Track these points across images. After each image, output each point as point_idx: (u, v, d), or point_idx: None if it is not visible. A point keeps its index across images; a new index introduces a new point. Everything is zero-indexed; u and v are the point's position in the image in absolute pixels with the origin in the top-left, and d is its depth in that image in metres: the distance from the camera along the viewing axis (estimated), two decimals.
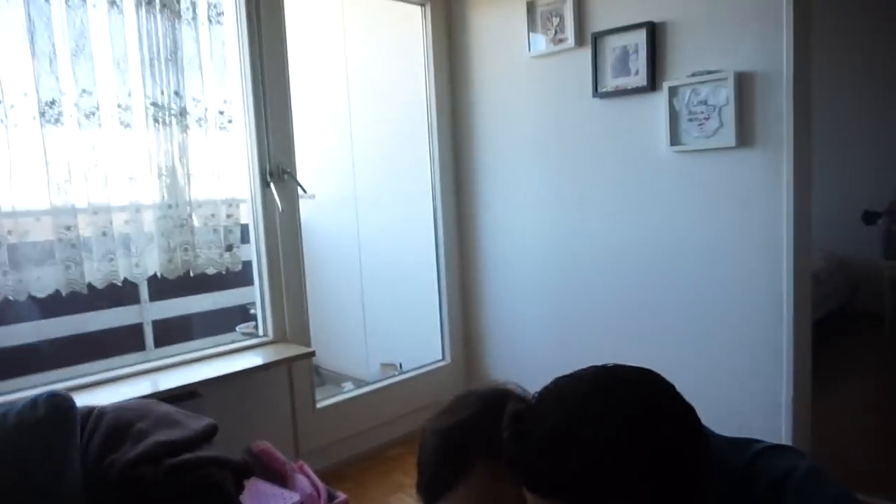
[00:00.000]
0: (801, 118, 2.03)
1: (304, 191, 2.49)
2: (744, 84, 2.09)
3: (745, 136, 2.11)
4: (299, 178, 2.45)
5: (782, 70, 2.01)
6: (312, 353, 2.40)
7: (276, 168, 2.37)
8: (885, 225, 4.04)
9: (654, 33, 2.28)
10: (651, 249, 2.39)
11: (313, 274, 2.76)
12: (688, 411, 0.67)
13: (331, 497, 1.88)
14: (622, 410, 0.64)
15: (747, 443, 0.75)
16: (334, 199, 3.52)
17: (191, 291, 2.76)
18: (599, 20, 2.44)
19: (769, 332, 2.11)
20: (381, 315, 3.42)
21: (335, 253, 3.56)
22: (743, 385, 2.18)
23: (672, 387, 0.69)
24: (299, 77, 2.60)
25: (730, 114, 2.12)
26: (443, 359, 3.04)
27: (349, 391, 2.80)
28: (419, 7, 2.91)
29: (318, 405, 2.56)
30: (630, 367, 0.71)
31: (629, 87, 2.37)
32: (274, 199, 2.34)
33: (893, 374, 3.52)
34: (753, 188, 2.11)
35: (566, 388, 0.68)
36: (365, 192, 3.43)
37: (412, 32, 2.95)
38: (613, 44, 2.41)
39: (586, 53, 2.48)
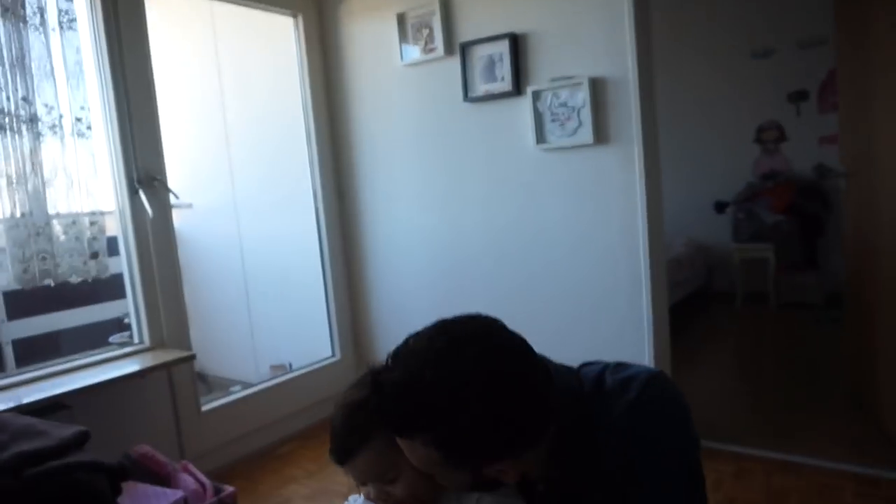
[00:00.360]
0: (648, 117, 2.27)
1: (177, 196, 2.43)
2: (597, 88, 2.30)
3: (601, 134, 2.32)
4: (175, 187, 2.39)
5: (628, 76, 2.24)
6: (192, 357, 2.34)
7: (145, 175, 2.30)
8: (733, 213, 4.54)
9: (517, 43, 2.46)
10: (524, 238, 2.55)
11: (196, 284, 2.67)
12: (521, 341, 0.80)
13: (217, 491, 1.84)
14: (464, 347, 0.75)
15: (571, 366, 0.93)
16: (214, 208, 3.46)
17: (60, 308, 2.59)
18: (466, 31, 2.58)
19: (632, 309, 2.33)
20: (269, 318, 3.39)
21: (218, 261, 3.48)
22: (612, 357, 2.37)
23: (502, 323, 0.81)
24: (170, 84, 2.52)
25: (587, 114, 2.32)
26: (333, 355, 3.06)
27: (236, 393, 2.74)
28: (291, 18, 2.93)
29: (204, 408, 2.51)
30: (465, 314, 0.82)
31: (496, 92, 2.53)
32: (144, 207, 2.27)
33: (743, 344, 3.96)
34: (610, 180, 2.33)
35: (414, 342, 0.80)
36: (246, 199, 3.39)
37: (286, 41, 2.96)
38: (480, 53, 2.56)
39: (455, 62, 2.61)
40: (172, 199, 2.41)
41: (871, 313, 2.44)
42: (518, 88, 2.47)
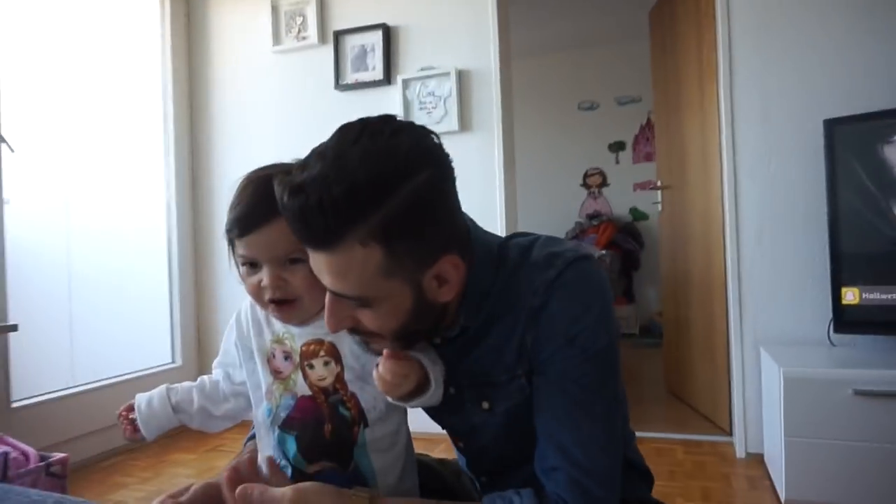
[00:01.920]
0: (506, 107, 2.48)
1: (11, 149, 2.10)
2: (463, 79, 2.47)
3: (465, 122, 2.47)
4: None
5: (491, 69, 2.44)
6: (13, 328, 1.95)
7: None
8: None
9: (389, 34, 2.57)
10: None
11: (16, 298, 2.22)
12: (434, 145, 0.71)
13: (44, 458, 1.53)
14: (385, 129, 0.67)
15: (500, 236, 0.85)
16: (40, 202, 2.93)
17: None
18: (340, 20, 2.66)
19: None
20: (98, 331, 2.89)
21: (41, 269, 2.91)
22: None
23: (416, 126, 0.72)
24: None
25: (453, 104, 2.47)
26: (172, 361, 2.75)
27: (57, 391, 2.29)
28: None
29: (15, 404, 2.11)
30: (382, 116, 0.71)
31: (367, 81, 2.59)
32: None
33: None
34: (472, 165, 2.46)
35: (326, 142, 0.69)
36: (82, 193, 2.92)
37: (148, 21, 2.79)
38: (353, 42, 2.63)
39: (328, 51, 2.66)
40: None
41: (687, 325, 2.85)
42: (388, 78, 2.56)
